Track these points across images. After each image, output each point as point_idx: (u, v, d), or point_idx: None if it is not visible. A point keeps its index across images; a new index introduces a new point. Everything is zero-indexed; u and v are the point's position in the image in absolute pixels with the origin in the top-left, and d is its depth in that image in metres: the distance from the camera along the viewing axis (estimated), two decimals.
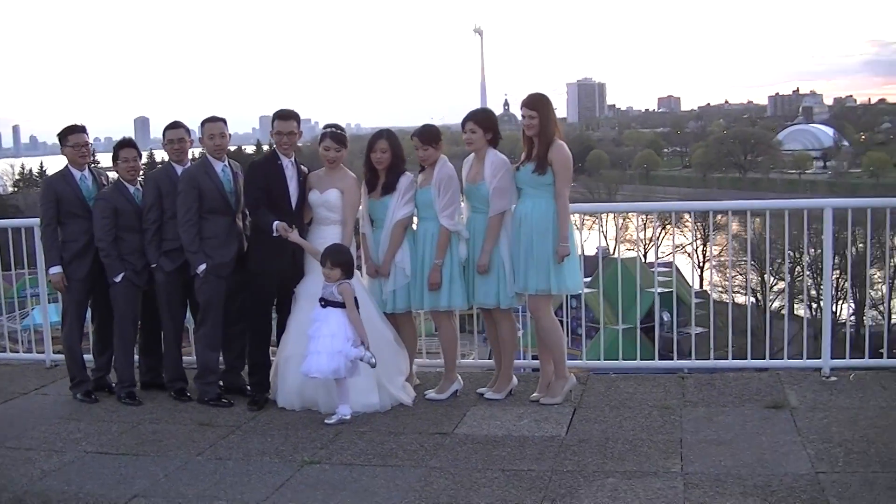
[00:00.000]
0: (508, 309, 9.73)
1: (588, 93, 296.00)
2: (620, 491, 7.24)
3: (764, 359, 10.95)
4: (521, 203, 9.46)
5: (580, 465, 7.82)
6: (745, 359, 10.82)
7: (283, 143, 9.77)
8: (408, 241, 9.74)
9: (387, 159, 9.68)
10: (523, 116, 9.53)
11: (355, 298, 9.19)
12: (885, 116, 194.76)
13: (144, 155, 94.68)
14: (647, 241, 62.76)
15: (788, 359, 10.77)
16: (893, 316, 46.44)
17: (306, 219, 9.87)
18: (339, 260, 9.19)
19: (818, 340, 10.96)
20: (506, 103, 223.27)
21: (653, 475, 7.55)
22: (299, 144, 10.38)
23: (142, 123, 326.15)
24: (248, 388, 10.08)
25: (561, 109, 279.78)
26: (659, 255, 56.05)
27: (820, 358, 10.39)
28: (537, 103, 9.50)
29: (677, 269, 40.14)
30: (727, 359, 10.96)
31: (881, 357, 10.97)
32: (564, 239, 9.26)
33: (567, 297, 10.61)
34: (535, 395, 9.64)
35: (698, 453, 8.01)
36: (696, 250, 61.30)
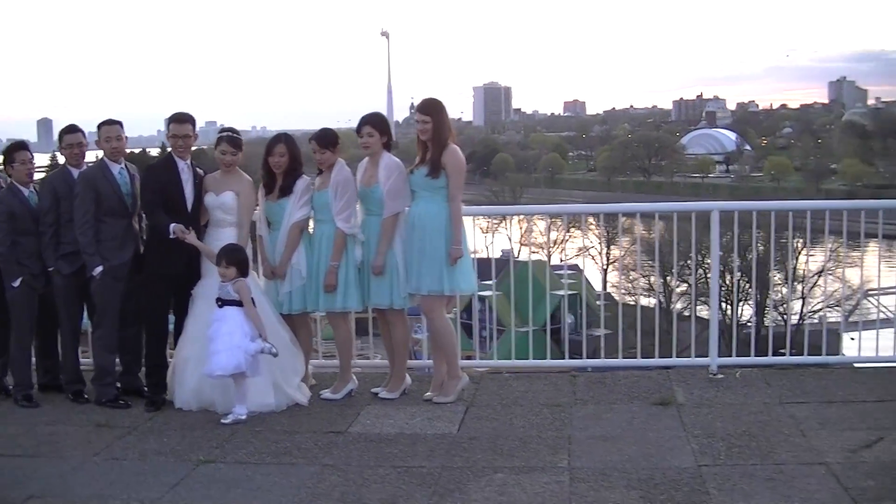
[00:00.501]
0: (402, 310, 9.87)
1: (494, 96, 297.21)
2: (508, 485, 7.44)
3: (654, 357, 11.21)
4: (415, 206, 9.62)
5: (470, 462, 8.00)
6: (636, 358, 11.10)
7: (179, 145, 9.86)
8: (304, 243, 9.85)
9: (284, 163, 9.80)
10: (417, 121, 9.70)
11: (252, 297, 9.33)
12: (787, 121, 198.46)
13: (47, 157, 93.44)
14: (552, 245, 62.98)
15: (678, 357, 11.02)
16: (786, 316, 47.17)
17: (202, 221, 9.94)
18: (235, 259, 9.31)
19: (721, 340, 11.24)
20: (412, 107, 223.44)
21: (540, 470, 7.76)
22: (204, 147, 10.46)
23: (45, 125, 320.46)
24: (146, 389, 10.11)
25: (467, 113, 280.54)
26: (562, 259, 56.38)
27: (708, 356, 10.67)
28: (431, 108, 9.66)
29: (571, 270, 40.58)
30: (618, 357, 11.23)
31: (766, 355, 11.21)
32: (457, 241, 9.44)
33: (474, 298, 10.83)
34: (428, 394, 9.80)
35: (586, 449, 8.25)
36: (601, 253, 61.93)
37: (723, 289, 37.61)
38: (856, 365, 11.50)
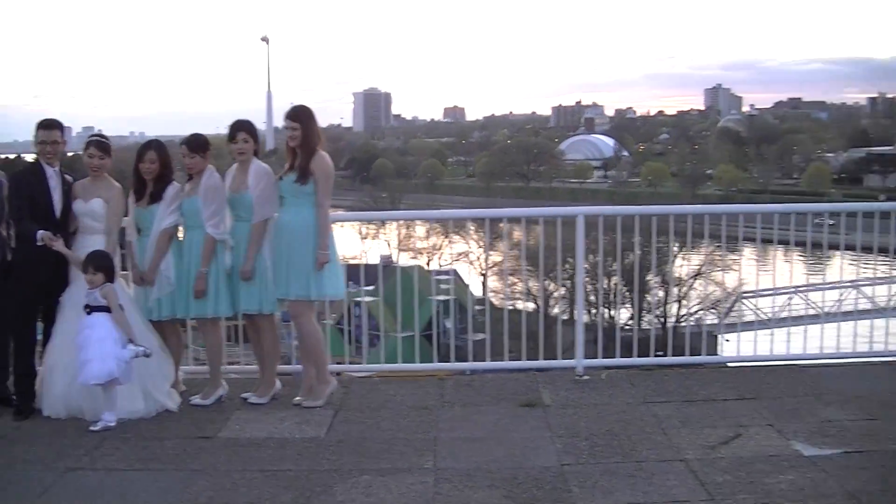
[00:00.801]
0: (271, 315, 9.95)
1: (374, 102, 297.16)
2: (374, 487, 7.56)
3: (522, 360, 11.43)
4: (284, 212, 9.69)
5: (337, 465, 8.09)
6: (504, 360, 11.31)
7: (47, 152, 9.78)
8: (173, 249, 9.86)
9: (155, 170, 9.81)
10: (286, 128, 9.75)
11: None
12: (663, 128, 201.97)
13: None
14: (431, 250, 63.11)
15: (546, 359, 11.23)
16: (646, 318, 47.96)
17: (71, 228, 9.89)
18: (101, 265, 9.28)
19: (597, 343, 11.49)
20: None
21: (406, 471, 7.88)
22: (80, 153, 10.41)
23: None
24: (13, 397, 10.00)
25: (347, 119, 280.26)
26: (440, 264, 56.68)
27: (574, 358, 10.89)
28: (300, 115, 9.74)
29: (450, 275, 40.77)
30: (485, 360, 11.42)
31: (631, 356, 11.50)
32: (324, 246, 9.51)
33: (343, 303, 10.90)
34: (297, 398, 9.85)
35: (451, 450, 8.40)
36: (479, 258, 62.17)
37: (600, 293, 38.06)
38: (730, 364, 11.84)
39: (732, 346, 11.99)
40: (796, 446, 8.41)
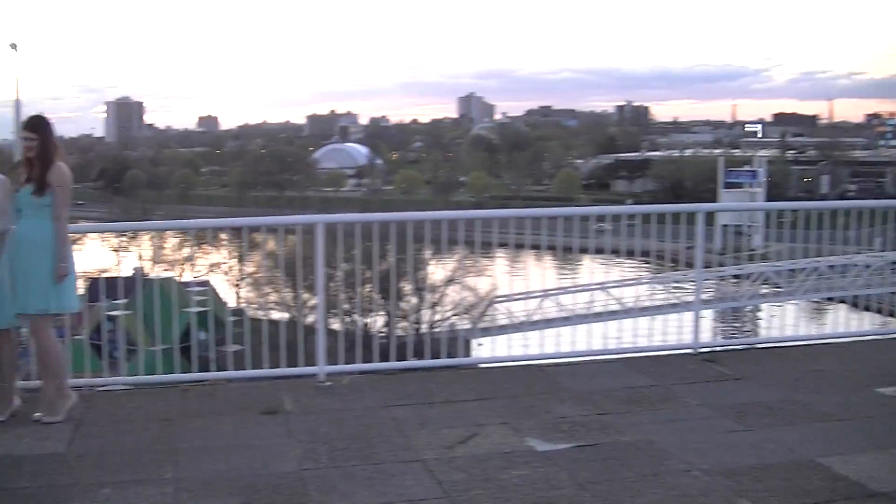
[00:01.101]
0: (8, 331, 9.75)
1: (126, 112, 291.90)
2: (112, 500, 7.53)
3: (264, 368, 11.54)
4: (21, 224, 9.51)
5: (76, 479, 8.00)
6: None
7: None
8: None
9: None
10: (23, 138, 9.62)
11: None
12: (417, 136, 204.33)
13: None
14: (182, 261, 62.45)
15: (288, 367, 11.36)
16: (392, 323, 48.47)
17: None
18: None
19: (351, 350, 11.66)
20: None
21: (145, 483, 7.87)
22: None
23: None
24: None
25: (98, 129, 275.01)
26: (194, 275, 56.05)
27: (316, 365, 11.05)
28: (37, 126, 9.62)
29: (202, 286, 40.44)
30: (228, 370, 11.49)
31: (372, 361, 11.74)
32: (63, 259, 9.42)
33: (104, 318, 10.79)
34: (37, 414, 9.68)
35: (191, 460, 8.43)
36: (231, 268, 61.86)
37: (353, 300, 38.28)
38: (482, 365, 12.20)
39: (477, 349, 12.31)
40: (530, 442, 8.77)
